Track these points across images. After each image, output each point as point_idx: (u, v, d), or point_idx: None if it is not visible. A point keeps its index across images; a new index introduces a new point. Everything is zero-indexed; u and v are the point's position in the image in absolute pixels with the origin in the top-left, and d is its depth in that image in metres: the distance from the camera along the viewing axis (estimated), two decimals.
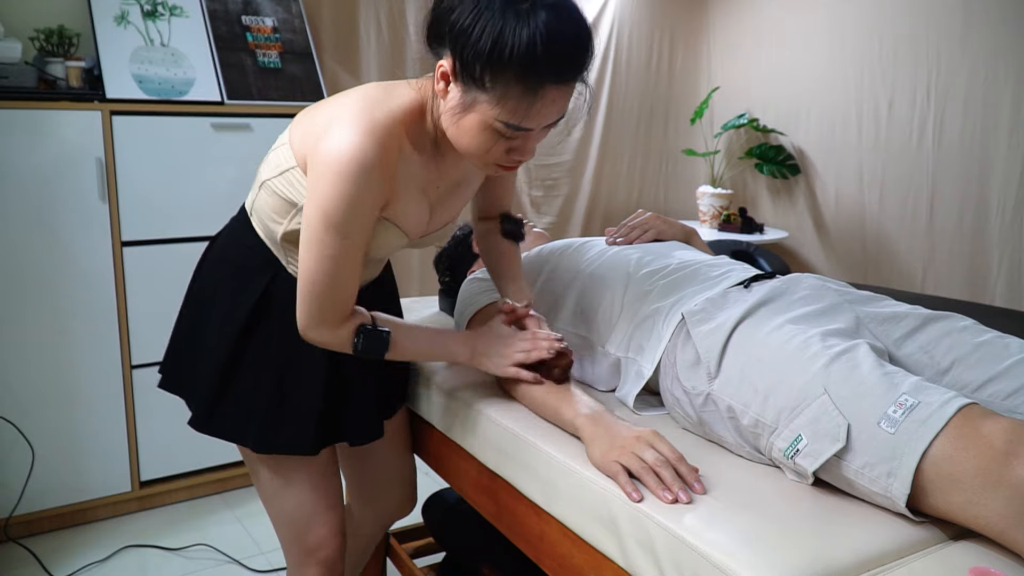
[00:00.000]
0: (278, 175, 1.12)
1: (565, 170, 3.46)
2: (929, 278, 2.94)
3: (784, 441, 0.96)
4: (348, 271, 1.07)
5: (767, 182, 3.51)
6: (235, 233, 1.25)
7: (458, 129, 1.02)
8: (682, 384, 1.12)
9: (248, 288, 1.19)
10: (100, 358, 2.16)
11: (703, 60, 3.73)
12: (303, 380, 1.19)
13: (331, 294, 1.07)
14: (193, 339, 1.26)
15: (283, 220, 1.14)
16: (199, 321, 1.25)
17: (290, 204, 1.12)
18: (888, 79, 2.99)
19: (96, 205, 2.09)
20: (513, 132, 0.99)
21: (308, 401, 1.19)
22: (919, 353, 1.10)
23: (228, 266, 1.23)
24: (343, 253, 1.04)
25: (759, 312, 1.10)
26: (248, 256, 1.20)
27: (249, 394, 1.19)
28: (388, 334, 1.13)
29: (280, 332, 1.18)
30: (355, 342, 1.11)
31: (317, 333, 1.10)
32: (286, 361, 1.19)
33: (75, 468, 2.17)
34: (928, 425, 0.85)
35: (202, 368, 1.21)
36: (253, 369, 1.19)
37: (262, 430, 1.19)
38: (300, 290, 1.08)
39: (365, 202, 1.02)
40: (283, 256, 1.19)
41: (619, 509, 0.95)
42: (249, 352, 1.19)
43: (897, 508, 0.88)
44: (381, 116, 1.02)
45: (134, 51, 2.19)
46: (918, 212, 2.95)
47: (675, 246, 1.47)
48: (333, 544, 1.29)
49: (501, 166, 1.06)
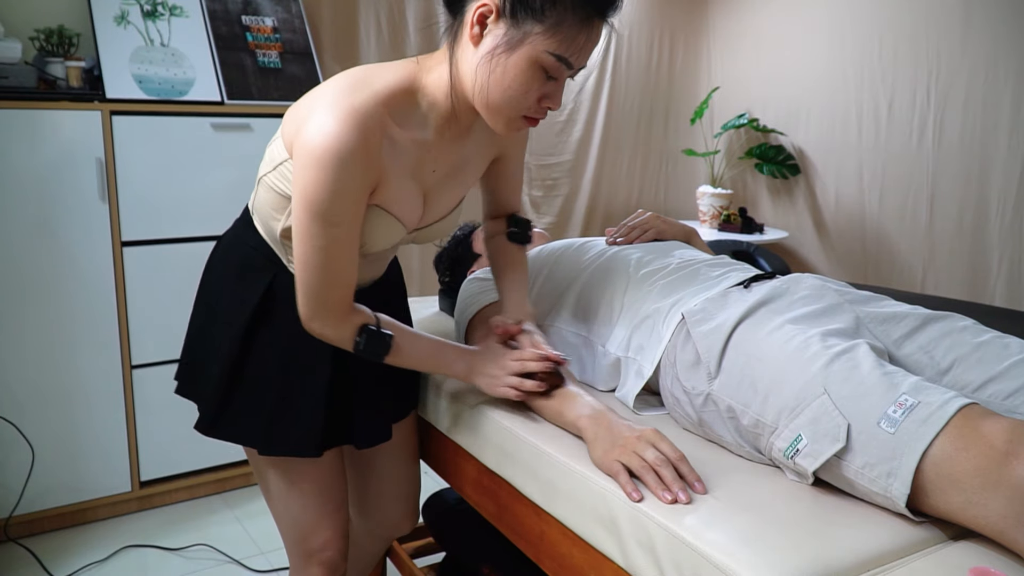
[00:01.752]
0: (273, 169, 1.11)
1: (565, 170, 3.46)
2: (929, 278, 2.94)
3: (784, 441, 0.96)
4: (342, 262, 1.05)
5: (767, 182, 3.51)
6: (238, 233, 1.24)
7: (500, 72, 1.00)
8: (682, 384, 1.12)
9: (251, 289, 1.18)
10: (100, 358, 2.16)
11: (703, 60, 3.73)
12: (308, 380, 1.18)
13: (326, 286, 1.06)
14: (203, 343, 1.25)
15: (281, 216, 1.13)
16: (207, 325, 1.24)
17: (286, 199, 1.10)
18: (888, 79, 2.99)
19: (96, 205, 2.09)
20: (558, 69, 1.00)
21: (313, 402, 1.18)
22: (919, 353, 1.10)
23: (231, 268, 1.23)
24: (333, 243, 1.03)
25: (759, 312, 1.10)
26: (250, 256, 1.20)
27: (255, 395, 1.18)
28: (391, 338, 1.12)
29: (284, 331, 1.17)
30: (357, 341, 1.10)
31: (319, 326, 1.10)
32: (291, 360, 1.18)
33: (75, 468, 2.17)
34: (928, 425, 0.85)
35: (210, 371, 1.21)
36: (259, 370, 1.18)
37: (268, 432, 1.18)
38: (297, 283, 1.07)
39: (349, 189, 1.00)
40: (284, 254, 1.18)
41: (619, 509, 0.95)
42: (254, 353, 1.18)
43: (897, 508, 0.88)
44: (361, 100, 1.00)
45: (134, 51, 2.19)
46: (918, 212, 2.95)
47: (675, 246, 1.47)
48: (336, 546, 1.29)
49: (528, 119, 1.05)
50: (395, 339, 1.13)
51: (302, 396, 1.18)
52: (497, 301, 1.35)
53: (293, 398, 1.18)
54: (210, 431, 1.20)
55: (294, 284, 1.10)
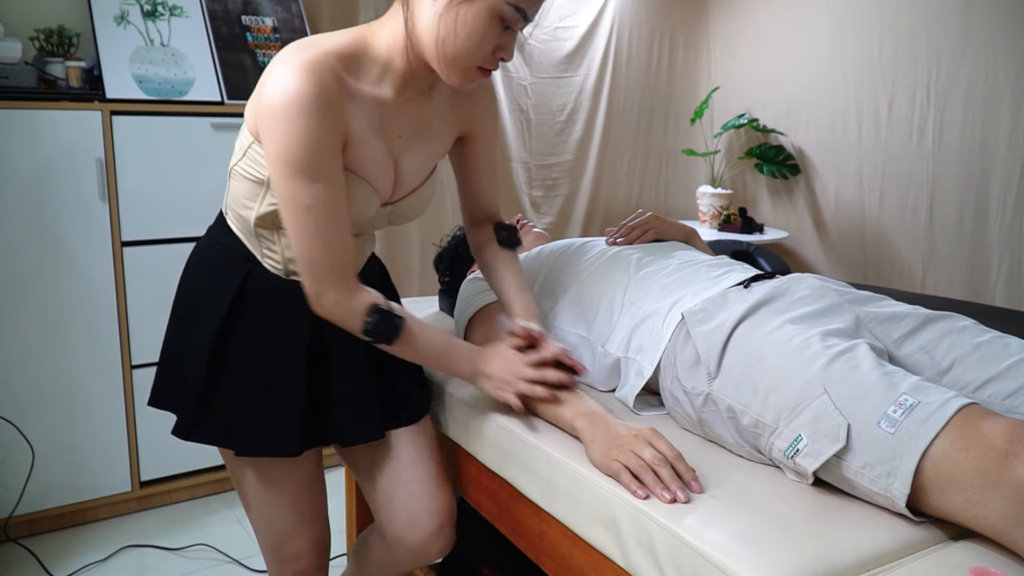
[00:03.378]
0: (242, 157, 1.11)
1: (565, 170, 3.46)
2: (929, 278, 2.94)
3: (784, 441, 0.96)
4: (334, 222, 1.04)
5: (767, 182, 3.51)
6: (212, 236, 1.23)
7: (457, 24, 1.02)
8: (682, 384, 1.12)
9: (226, 286, 1.16)
10: (100, 358, 2.16)
11: (703, 60, 3.73)
12: (285, 376, 1.16)
13: (325, 251, 1.05)
14: (178, 348, 1.23)
15: (254, 203, 1.12)
16: (181, 332, 1.23)
17: (257, 183, 1.10)
18: (888, 79, 2.99)
19: (96, 205, 2.09)
20: (516, 20, 1.03)
21: (291, 399, 1.16)
22: (919, 353, 1.10)
23: (204, 271, 1.22)
24: (320, 201, 1.02)
25: (759, 312, 1.10)
26: (223, 256, 1.19)
27: (232, 396, 1.16)
28: (402, 320, 1.11)
29: (257, 328, 1.16)
30: (367, 321, 1.08)
31: (328, 301, 1.08)
32: (266, 358, 1.16)
33: (75, 468, 2.17)
34: (928, 425, 0.85)
35: (186, 374, 1.19)
36: (234, 370, 1.16)
37: (246, 432, 1.16)
38: (297, 261, 1.07)
39: (320, 139, 1.00)
40: (258, 248, 1.17)
41: (619, 509, 0.95)
42: (230, 354, 1.16)
43: (897, 508, 0.88)
44: (312, 54, 1.02)
45: (134, 51, 2.19)
46: (918, 212, 2.95)
47: (675, 246, 1.47)
48: (310, 558, 1.27)
49: (483, 69, 1.08)
50: (406, 323, 1.11)
51: (280, 393, 1.16)
52: (497, 301, 1.35)
53: (270, 396, 1.16)
54: (188, 435, 1.19)
55: (268, 279, 1.11)
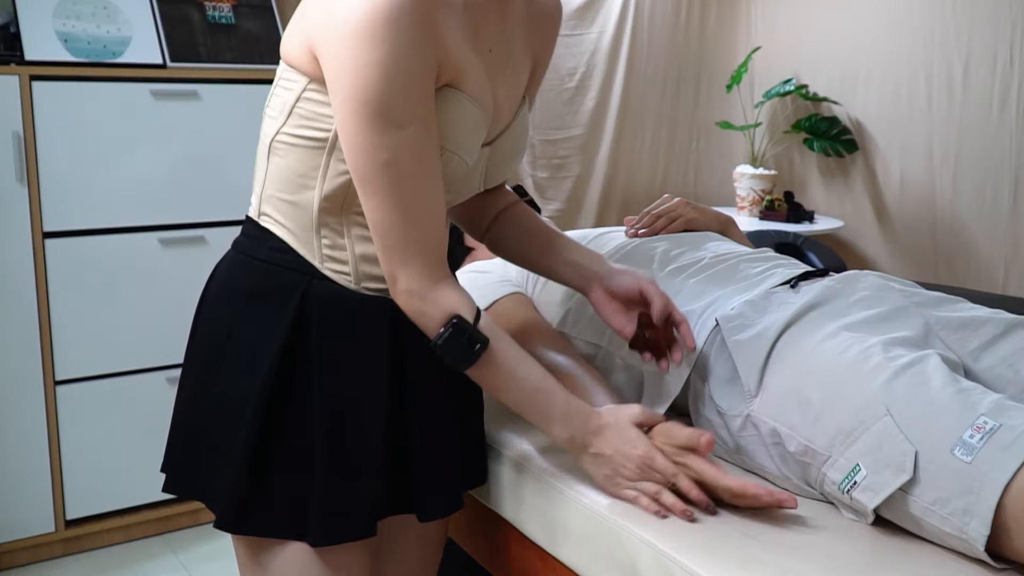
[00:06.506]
0: (286, 119, 1.02)
1: (576, 147, 3.46)
2: (1012, 276, 2.94)
3: (839, 472, 0.96)
4: (423, 182, 0.97)
5: (818, 161, 3.52)
6: (241, 251, 1.11)
7: None
8: (716, 404, 1.12)
9: (272, 317, 1.05)
10: (17, 372, 2.16)
11: (741, 15, 3.74)
12: (366, 433, 1.06)
13: (406, 223, 0.97)
14: (205, 414, 1.10)
15: (315, 179, 1.02)
16: (208, 388, 1.10)
17: (317, 148, 1.01)
18: (963, 38, 2.99)
19: (13, 188, 2.09)
20: None
21: (371, 463, 1.06)
22: (1001, 366, 1.10)
23: (236, 298, 1.10)
24: (406, 151, 0.94)
25: (808, 317, 1.10)
26: (263, 273, 1.07)
27: (295, 466, 1.05)
28: (484, 343, 1.01)
29: (325, 367, 1.05)
30: (440, 333, 1.00)
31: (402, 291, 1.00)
32: (340, 408, 1.05)
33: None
34: (1012, 452, 0.85)
35: (226, 447, 1.06)
36: (298, 432, 1.05)
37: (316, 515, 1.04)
38: (371, 231, 1.00)
39: (412, 65, 0.93)
40: (316, 251, 1.05)
41: (639, 550, 0.95)
42: (292, 404, 1.05)
43: (974, 552, 0.88)
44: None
45: (58, 4, 2.19)
46: (999, 197, 2.95)
47: (708, 237, 1.48)
48: None
49: None
50: (492, 347, 1.02)
51: (359, 456, 1.06)
52: (510, 295, 1.35)
53: (347, 461, 1.05)
54: (238, 527, 1.06)
55: (333, 291, 1.04)
